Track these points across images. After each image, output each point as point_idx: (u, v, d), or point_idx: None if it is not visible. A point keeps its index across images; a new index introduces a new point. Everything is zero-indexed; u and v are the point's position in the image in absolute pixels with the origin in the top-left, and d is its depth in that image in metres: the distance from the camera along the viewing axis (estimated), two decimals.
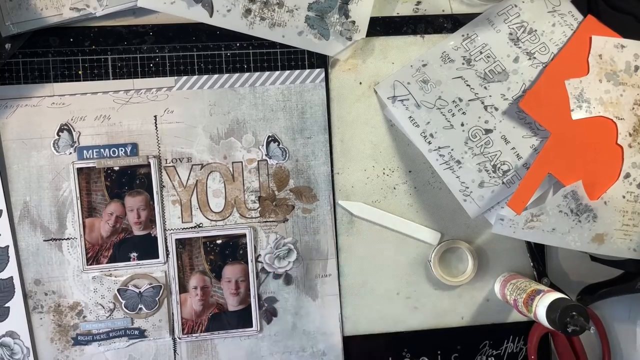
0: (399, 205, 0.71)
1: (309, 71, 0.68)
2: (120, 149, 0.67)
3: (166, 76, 0.67)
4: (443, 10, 0.71)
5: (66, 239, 0.66)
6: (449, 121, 0.68)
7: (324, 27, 0.67)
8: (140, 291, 0.67)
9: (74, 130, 0.66)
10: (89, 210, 0.66)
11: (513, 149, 0.68)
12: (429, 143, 0.68)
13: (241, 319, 0.69)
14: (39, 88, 0.66)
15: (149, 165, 0.67)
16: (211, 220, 0.68)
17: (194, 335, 0.68)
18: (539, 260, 0.72)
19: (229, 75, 0.68)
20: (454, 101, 0.68)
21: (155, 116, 0.67)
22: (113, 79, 0.67)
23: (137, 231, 0.67)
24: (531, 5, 0.69)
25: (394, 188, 0.71)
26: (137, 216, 0.67)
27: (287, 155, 0.69)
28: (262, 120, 0.68)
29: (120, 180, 0.67)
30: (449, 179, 0.68)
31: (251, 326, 0.69)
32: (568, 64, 0.68)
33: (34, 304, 0.66)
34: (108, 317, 0.67)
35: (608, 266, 0.71)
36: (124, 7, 0.66)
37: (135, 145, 0.67)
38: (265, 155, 0.68)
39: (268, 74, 0.68)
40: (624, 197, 0.68)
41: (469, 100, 0.68)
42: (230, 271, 0.68)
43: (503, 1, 0.69)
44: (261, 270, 0.69)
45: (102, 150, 0.67)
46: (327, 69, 0.70)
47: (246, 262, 0.68)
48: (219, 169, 0.68)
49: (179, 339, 0.68)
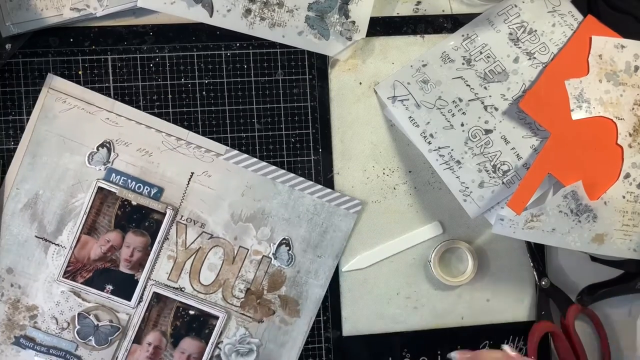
0: (399, 205, 0.71)
1: (348, 198, 0.69)
2: (146, 187, 0.67)
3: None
4: (443, 10, 0.71)
5: (56, 244, 0.66)
6: (449, 121, 0.68)
7: (324, 27, 0.67)
8: (98, 324, 0.66)
9: (113, 151, 0.66)
10: (90, 228, 0.66)
11: (513, 149, 0.68)
12: (429, 143, 0.68)
13: None
14: (101, 99, 0.66)
15: (164, 214, 0.67)
16: (194, 289, 0.68)
17: None
18: (539, 260, 0.72)
19: (275, 168, 0.68)
20: (454, 101, 0.68)
21: (192, 173, 0.67)
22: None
23: (124, 268, 0.67)
24: (531, 5, 0.69)
25: (394, 188, 0.71)
26: (131, 254, 0.67)
27: (292, 262, 0.69)
28: (286, 221, 0.68)
29: (131, 215, 0.66)
30: (449, 179, 0.68)
31: None
32: (568, 64, 0.68)
33: None
34: (56, 334, 0.66)
35: (608, 266, 0.71)
36: (124, 7, 0.66)
37: (161, 190, 0.67)
38: (272, 253, 0.68)
39: (312, 183, 0.68)
40: (624, 197, 0.68)
41: (469, 101, 0.68)
42: (188, 344, 0.67)
43: (503, 1, 0.69)
44: (216, 356, 0.68)
45: (129, 181, 0.67)
46: (327, 69, 0.70)
47: (206, 343, 0.67)
48: (225, 246, 0.68)
49: None
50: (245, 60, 0.69)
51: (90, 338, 0.67)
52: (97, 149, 0.66)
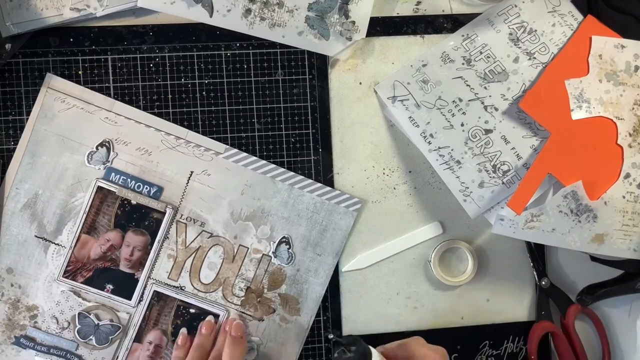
0: (399, 205, 0.71)
1: (347, 196, 0.69)
2: (145, 186, 0.67)
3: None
4: (443, 11, 0.71)
5: (56, 244, 0.66)
6: (449, 121, 0.68)
7: (324, 27, 0.67)
8: (98, 323, 0.66)
9: (113, 150, 0.66)
10: (90, 228, 0.66)
11: (513, 149, 0.68)
12: (429, 143, 0.68)
13: None
14: (100, 99, 0.66)
15: (164, 213, 0.67)
16: (195, 288, 0.68)
17: None
18: (539, 260, 0.72)
19: (275, 167, 0.68)
20: (454, 101, 0.68)
21: (192, 172, 0.67)
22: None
23: (124, 267, 0.67)
24: (531, 5, 0.69)
25: (394, 188, 0.71)
26: (131, 254, 0.67)
27: (292, 261, 0.69)
28: (285, 220, 0.68)
29: (131, 215, 0.66)
30: (449, 179, 0.68)
31: None
32: (568, 64, 0.68)
33: None
34: (57, 334, 0.66)
35: (608, 266, 0.71)
36: (124, 7, 0.66)
37: (160, 189, 0.67)
38: (272, 252, 0.68)
39: (311, 181, 0.68)
40: (624, 197, 0.68)
41: (469, 101, 0.68)
42: None
43: (503, 1, 0.69)
44: None
45: (129, 180, 0.66)
46: (327, 69, 0.70)
47: None
48: (225, 245, 0.68)
49: None
50: (245, 60, 0.69)
51: (90, 337, 0.67)
52: (97, 148, 0.66)
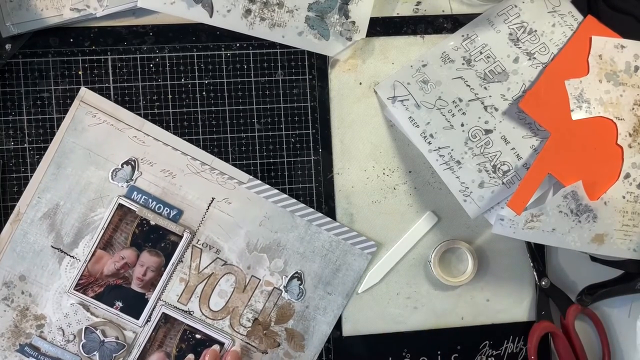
0: (399, 205, 0.71)
1: (363, 238, 0.69)
2: (166, 208, 0.67)
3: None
4: (443, 11, 0.71)
5: (71, 256, 0.66)
6: (449, 121, 0.68)
7: (324, 28, 0.67)
8: (104, 340, 0.66)
9: (137, 170, 0.66)
10: (106, 244, 0.66)
11: (513, 149, 0.68)
12: (429, 143, 0.68)
13: None
14: (131, 117, 0.66)
15: (181, 236, 0.67)
16: (203, 314, 0.68)
17: None
18: (539, 260, 0.72)
19: (295, 202, 0.68)
20: (454, 101, 0.68)
21: (213, 198, 0.67)
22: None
23: (135, 286, 0.67)
24: (531, 5, 0.69)
25: (394, 188, 0.71)
26: (144, 273, 0.67)
27: (302, 297, 0.69)
28: (300, 255, 0.68)
29: (148, 235, 0.67)
30: (449, 179, 0.68)
31: None
32: (568, 64, 0.68)
33: (8, 293, 0.66)
34: (61, 346, 0.66)
35: (608, 266, 0.71)
36: (124, 8, 0.66)
37: (180, 213, 0.67)
38: (284, 286, 0.68)
39: (329, 219, 0.69)
40: (624, 198, 0.68)
41: (469, 101, 0.68)
42: None
43: (503, 1, 0.69)
44: None
45: (150, 200, 0.67)
46: (327, 69, 0.70)
47: None
48: (238, 274, 0.68)
49: None
50: (245, 61, 0.69)
51: (94, 353, 0.66)
52: (122, 165, 0.66)
